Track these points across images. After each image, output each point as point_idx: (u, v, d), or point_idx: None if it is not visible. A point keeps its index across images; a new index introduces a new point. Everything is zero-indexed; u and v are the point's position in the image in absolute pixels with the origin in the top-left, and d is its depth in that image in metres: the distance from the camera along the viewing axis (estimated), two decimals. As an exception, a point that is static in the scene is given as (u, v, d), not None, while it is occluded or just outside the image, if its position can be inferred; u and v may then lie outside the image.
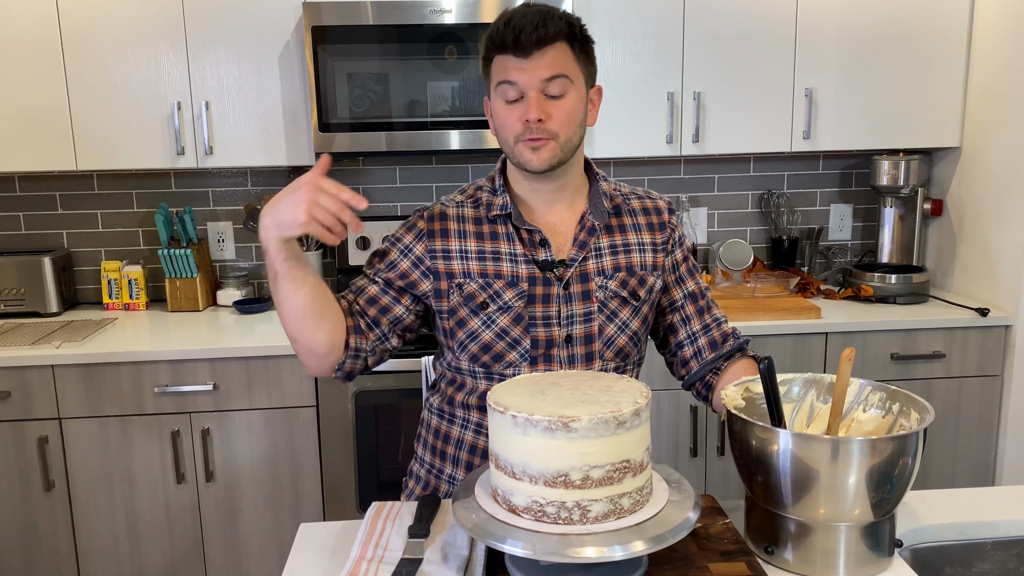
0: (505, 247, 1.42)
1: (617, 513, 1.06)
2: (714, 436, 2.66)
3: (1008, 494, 1.46)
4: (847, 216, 3.22)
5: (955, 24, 2.77)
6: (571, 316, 1.42)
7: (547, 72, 1.31)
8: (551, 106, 1.33)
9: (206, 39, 2.61)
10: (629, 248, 1.47)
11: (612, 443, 1.04)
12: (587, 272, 1.43)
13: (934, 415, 1.16)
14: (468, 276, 1.41)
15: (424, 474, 1.55)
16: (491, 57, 1.36)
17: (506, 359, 1.41)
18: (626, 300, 1.45)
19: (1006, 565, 1.36)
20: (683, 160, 3.13)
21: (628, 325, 1.45)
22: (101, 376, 2.43)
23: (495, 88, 1.36)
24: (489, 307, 1.40)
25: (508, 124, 1.35)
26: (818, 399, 1.31)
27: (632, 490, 1.07)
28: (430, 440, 1.54)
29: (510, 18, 1.32)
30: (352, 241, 2.98)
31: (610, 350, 1.45)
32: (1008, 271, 2.66)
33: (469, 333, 1.42)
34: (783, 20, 2.72)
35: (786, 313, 2.63)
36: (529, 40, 1.30)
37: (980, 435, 2.72)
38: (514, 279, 1.41)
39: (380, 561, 1.16)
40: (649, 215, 1.50)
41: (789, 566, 1.17)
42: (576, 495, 1.04)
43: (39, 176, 2.98)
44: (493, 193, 1.44)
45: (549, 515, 1.05)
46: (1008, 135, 2.65)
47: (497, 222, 1.43)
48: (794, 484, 1.12)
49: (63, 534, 2.50)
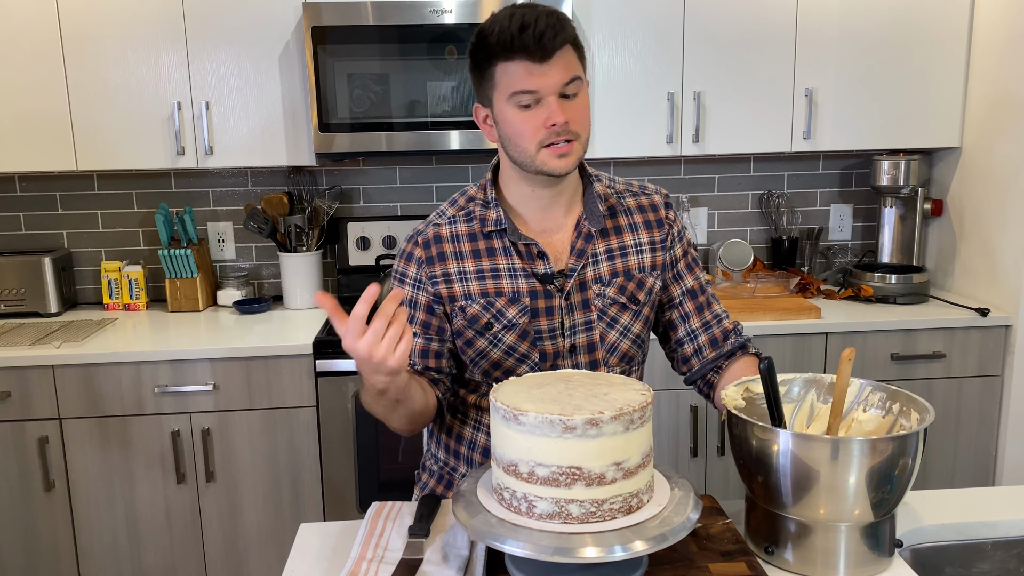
0: (503, 262, 1.39)
1: (563, 517, 1.05)
2: (714, 436, 2.66)
3: (1008, 494, 1.46)
4: (847, 216, 3.22)
5: (955, 24, 2.77)
6: (573, 326, 1.41)
7: (566, 76, 1.28)
8: (569, 107, 1.29)
9: (206, 39, 2.61)
10: (626, 251, 1.44)
11: (560, 446, 1.03)
12: (585, 281, 1.41)
13: (934, 415, 1.16)
14: (469, 298, 1.39)
15: (437, 469, 1.55)
16: (493, 63, 1.29)
17: (517, 373, 1.40)
18: (625, 306, 1.43)
19: (1006, 565, 1.36)
20: (683, 160, 3.13)
21: (630, 330, 1.44)
22: (101, 376, 2.43)
23: (507, 98, 1.28)
24: (494, 327, 1.39)
25: (528, 131, 1.29)
26: (818, 399, 1.31)
27: (586, 499, 1.05)
28: (443, 438, 1.53)
29: (522, 22, 1.24)
30: (352, 242, 2.98)
31: (614, 356, 1.44)
32: (1008, 271, 2.66)
33: (478, 352, 1.41)
34: (783, 20, 2.72)
35: (786, 313, 2.63)
36: (552, 44, 1.25)
37: (980, 435, 2.72)
38: (515, 295, 1.39)
39: (380, 561, 1.16)
40: (645, 212, 1.47)
41: (789, 566, 1.16)
42: (525, 487, 1.06)
43: (39, 176, 2.98)
44: (486, 206, 1.40)
45: (504, 500, 1.09)
46: (1009, 135, 2.65)
47: (493, 237, 1.40)
48: (794, 484, 1.12)
49: (63, 534, 2.50)
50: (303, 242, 2.93)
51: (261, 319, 2.78)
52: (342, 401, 2.51)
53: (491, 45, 1.28)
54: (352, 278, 3.02)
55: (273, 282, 3.11)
